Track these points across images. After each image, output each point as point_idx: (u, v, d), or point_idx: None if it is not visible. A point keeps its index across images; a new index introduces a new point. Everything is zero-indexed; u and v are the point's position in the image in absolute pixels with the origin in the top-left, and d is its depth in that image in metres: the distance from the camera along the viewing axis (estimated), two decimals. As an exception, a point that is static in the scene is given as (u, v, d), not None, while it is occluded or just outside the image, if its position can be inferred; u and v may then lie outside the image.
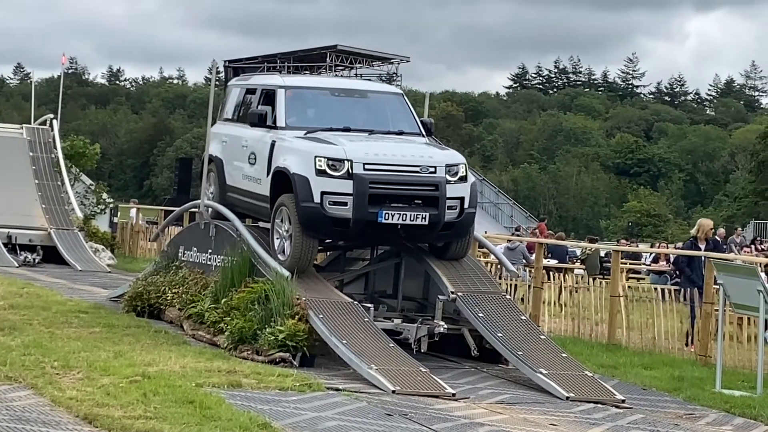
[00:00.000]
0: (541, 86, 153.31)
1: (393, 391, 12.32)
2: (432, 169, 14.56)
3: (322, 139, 14.93)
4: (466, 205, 14.84)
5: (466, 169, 14.97)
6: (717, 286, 15.52)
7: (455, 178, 14.74)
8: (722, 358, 14.74)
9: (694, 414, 12.62)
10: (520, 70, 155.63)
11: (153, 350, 13.76)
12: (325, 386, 12.27)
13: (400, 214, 14.31)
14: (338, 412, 10.94)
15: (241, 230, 16.17)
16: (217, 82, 20.50)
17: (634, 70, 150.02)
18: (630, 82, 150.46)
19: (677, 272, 27.65)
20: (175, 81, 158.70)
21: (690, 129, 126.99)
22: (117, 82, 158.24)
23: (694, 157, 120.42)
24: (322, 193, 14.31)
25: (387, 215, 14.27)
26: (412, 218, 14.36)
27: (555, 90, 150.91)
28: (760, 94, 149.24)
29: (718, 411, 12.82)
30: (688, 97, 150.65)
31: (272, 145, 15.44)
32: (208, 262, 17.03)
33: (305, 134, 15.22)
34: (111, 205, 37.29)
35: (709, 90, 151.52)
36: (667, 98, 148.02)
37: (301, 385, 12.10)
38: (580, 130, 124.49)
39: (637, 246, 41.32)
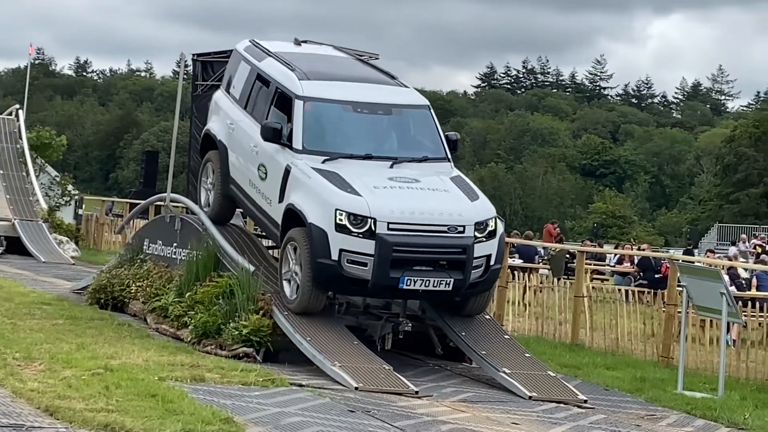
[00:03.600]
0: (509, 86, 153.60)
1: (356, 388, 12.31)
2: (460, 229, 13.52)
3: (343, 179, 13.68)
4: (492, 262, 13.87)
5: (495, 222, 13.92)
6: (680, 288, 15.63)
7: (483, 234, 13.72)
8: (684, 359, 14.83)
9: (656, 415, 12.68)
10: (489, 69, 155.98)
11: (116, 343, 13.72)
12: (289, 382, 12.26)
13: (423, 279, 13.35)
14: (301, 407, 10.93)
15: (207, 224, 16.12)
16: (185, 76, 20.32)
17: (601, 72, 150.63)
18: (597, 84, 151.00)
19: (641, 273, 27.92)
20: (143, 74, 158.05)
21: (656, 131, 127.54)
22: (84, 73, 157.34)
23: (660, 159, 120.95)
24: (341, 251, 13.30)
25: (409, 281, 13.30)
26: (435, 284, 13.40)
27: (523, 90, 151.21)
28: (727, 98, 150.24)
29: (679, 412, 12.90)
30: (655, 100, 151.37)
31: (287, 171, 14.27)
32: (173, 256, 16.98)
33: (324, 162, 14.07)
34: (76, 197, 37.11)
35: (675, 93, 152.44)
36: (633, 100, 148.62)
37: (265, 380, 12.09)
38: (547, 130, 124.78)
39: (602, 247, 41.47)
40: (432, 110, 15.26)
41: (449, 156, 14.90)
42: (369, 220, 13.23)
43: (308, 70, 15.12)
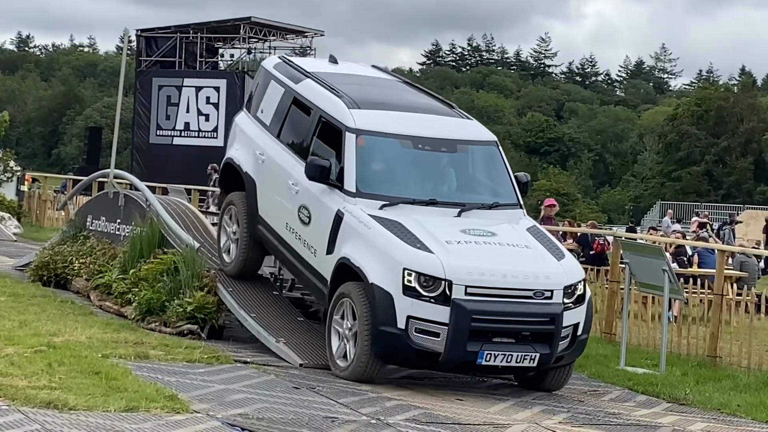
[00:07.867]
0: (454, 63, 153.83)
1: (301, 365, 12.32)
2: (548, 294, 11.68)
3: (408, 231, 11.81)
4: (579, 332, 12.03)
5: (584, 285, 12.17)
6: (623, 265, 15.76)
7: (572, 300, 11.88)
8: (627, 335, 14.97)
9: (598, 390, 12.81)
10: (434, 46, 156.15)
11: (59, 320, 13.61)
12: (233, 359, 12.24)
13: (504, 354, 11.49)
14: (246, 384, 10.92)
15: (151, 200, 16.05)
16: (129, 51, 20.18)
17: (546, 50, 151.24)
18: (542, 62, 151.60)
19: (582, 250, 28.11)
20: (86, 49, 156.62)
21: (600, 109, 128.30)
22: (26, 48, 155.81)
23: (604, 137, 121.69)
24: (408, 318, 11.39)
25: (489, 356, 11.44)
26: (518, 359, 11.56)
27: (468, 68, 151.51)
28: (669, 76, 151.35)
29: (621, 388, 13.03)
30: (599, 78, 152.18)
31: (338, 217, 12.28)
32: (117, 232, 16.89)
33: (382, 207, 12.22)
34: (18, 173, 36.81)
35: (619, 71, 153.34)
36: (578, 78, 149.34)
37: (209, 357, 12.06)
38: (492, 108, 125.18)
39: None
40: (500, 147, 13.58)
41: (521, 201, 13.16)
42: (443, 282, 11.37)
43: (357, 96, 13.18)
